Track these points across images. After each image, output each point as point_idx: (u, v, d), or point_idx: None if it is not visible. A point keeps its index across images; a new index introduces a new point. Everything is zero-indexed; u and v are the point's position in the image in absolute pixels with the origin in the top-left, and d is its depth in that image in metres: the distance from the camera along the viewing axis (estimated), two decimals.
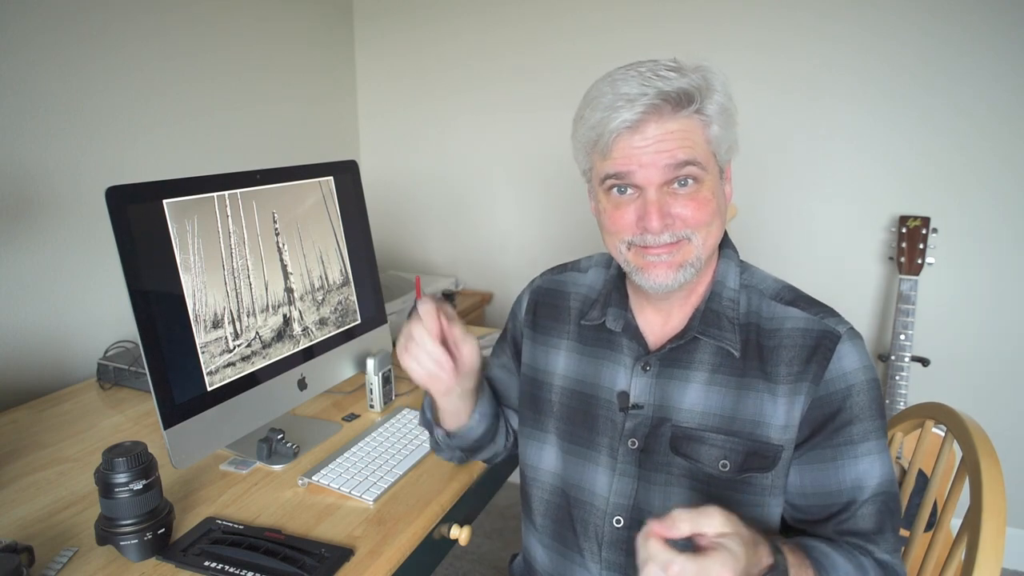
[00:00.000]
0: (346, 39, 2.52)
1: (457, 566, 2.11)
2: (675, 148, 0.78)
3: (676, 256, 0.81)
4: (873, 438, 0.80)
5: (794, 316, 0.84)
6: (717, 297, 0.87)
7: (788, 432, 0.81)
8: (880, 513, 0.80)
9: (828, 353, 0.81)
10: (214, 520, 0.97)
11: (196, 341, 1.03)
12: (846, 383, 0.80)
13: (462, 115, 2.48)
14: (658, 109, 0.77)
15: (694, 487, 0.84)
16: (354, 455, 1.13)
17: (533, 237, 2.48)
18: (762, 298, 0.87)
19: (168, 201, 1.00)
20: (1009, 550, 2.06)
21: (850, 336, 0.82)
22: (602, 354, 0.93)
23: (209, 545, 0.91)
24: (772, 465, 0.81)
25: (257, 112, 2.11)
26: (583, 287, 0.99)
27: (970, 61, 1.84)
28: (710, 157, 0.81)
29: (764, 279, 0.90)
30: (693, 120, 0.79)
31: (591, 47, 2.21)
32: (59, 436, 1.24)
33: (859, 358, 0.81)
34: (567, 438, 0.93)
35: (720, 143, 0.82)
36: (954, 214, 1.93)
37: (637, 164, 0.78)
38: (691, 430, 0.84)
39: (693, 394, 0.85)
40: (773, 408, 0.81)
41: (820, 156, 2.05)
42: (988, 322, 1.96)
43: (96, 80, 1.61)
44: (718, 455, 0.83)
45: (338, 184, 1.33)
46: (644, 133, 0.78)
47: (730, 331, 0.85)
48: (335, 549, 0.90)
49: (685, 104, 0.78)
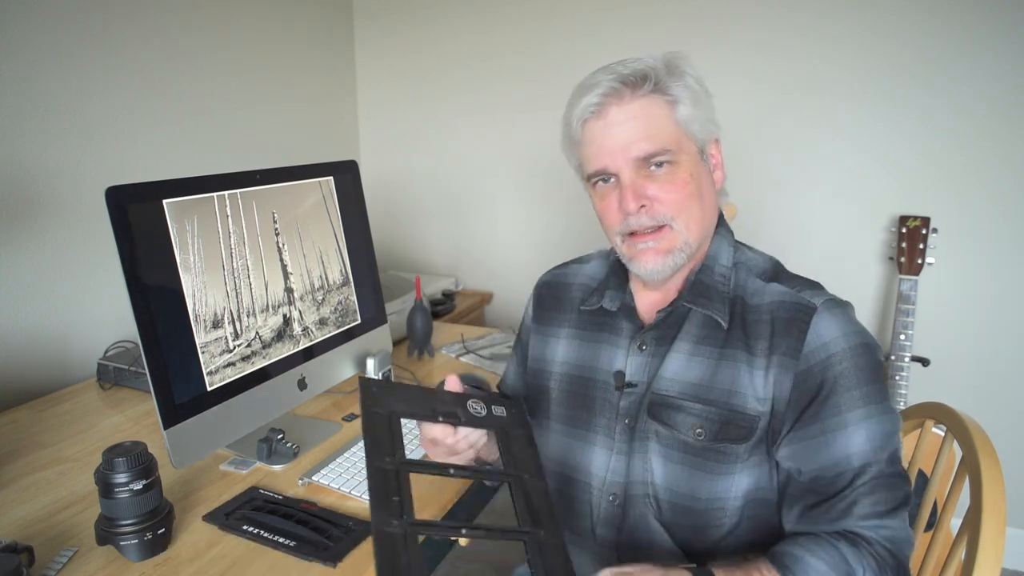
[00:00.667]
0: (346, 39, 2.52)
1: (457, 566, 2.11)
2: (640, 129, 0.81)
3: (662, 243, 0.84)
4: (861, 405, 0.78)
5: (773, 291, 0.85)
6: (708, 270, 0.89)
7: (764, 405, 0.81)
8: (876, 487, 0.76)
9: (803, 326, 0.80)
10: (256, 490, 1.05)
11: (196, 341, 1.03)
12: (825, 353, 0.79)
13: (462, 115, 2.48)
14: (617, 92, 0.82)
15: (668, 454, 0.85)
16: (354, 455, 1.13)
17: (533, 237, 2.48)
18: (749, 274, 0.88)
19: (168, 201, 1.00)
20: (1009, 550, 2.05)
21: (828, 306, 0.81)
22: (601, 337, 0.95)
23: (250, 511, 0.98)
24: (748, 436, 0.81)
25: (257, 112, 2.11)
26: (585, 276, 1.02)
27: (970, 61, 1.84)
28: (681, 137, 0.83)
29: (753, 257, 0.91)
30: (655, 100, 0.82)
31: (591, 47, 2.21)
32: (59, 436, 1.24)
33: (838, 326, 0.80)
34: (566, 422, 0.96)
35: (691, 121, 0.83)
36: (954, 214, 1.93)
37: (606, 150, 0.82)
38: (669, 397, 0.86)
39: (675, 363, 0.87)
40: (750, 380, 0.82)
41: (820, 156, 2.05)
42: (988, 322, 1.96)
43: (96, 80, 1.61)
44: (693, 423, 0.84)
45: (338, 184, 1.33)
46: (607, 118, 0.82)
47: (719, 302, 0.86)
48: (361, 523, 0.96)
49: (641, 83, 0.81)
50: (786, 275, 0.89)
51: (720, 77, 2.10)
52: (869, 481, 0.77)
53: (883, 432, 0.78)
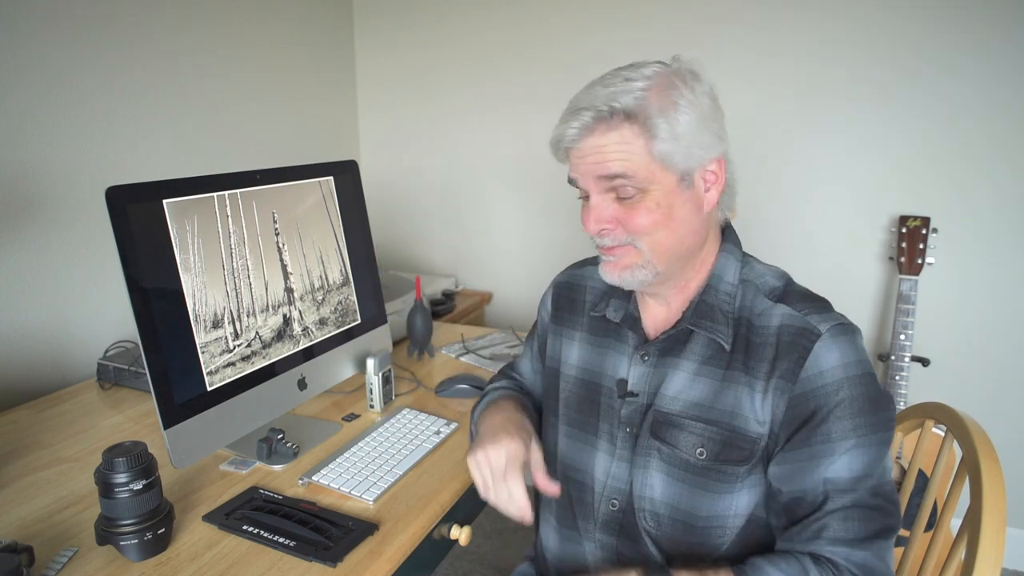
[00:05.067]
0: (346, 39, 2.52)
1: (457, 566, 2.11)
2: (606, 160, 0.81)
3: (620, 260, 0.86)
4: (852, 436, 0.77)
5: (780, 313, 0.84)
6: (712, 290, 0.88)
7: (763, 427, 0.81)
8: (849, 517, 0.76)
9: (804, 352, 0.80)
10: (257, 489, 1.05)
11: (196, 341, 1.03)
12: (822, 381, 0.79)
13: (462, 115, 2.47)
14: (591, 128, 0.81)
15: (670, 471, 0.86)
16: (354, 455, 1.13)
17: (533, 237, 2.48)
18: (757, 294, 0.87)
19: (168, 201, 1.00)
20: (1009, 550, 2.06)
21: (834, 333, 0.80)
22: (608, 344, 0.96)
23: (250, 511, 0.98)
24: (748, 458, 0.82)
25: (257, 112, 2.11)
26: (598, 280, 1.02)
27: (970, 61, 1.84)
28: (655, 169, 0.80)
29: (763, 274, 0.90)
30: (634, 131, 0.80)
31: (592, 46, 2.21)
32: (59, 436, 1.24)
33: (841, 355, 0.79)
34: (572, 424, 0.97)
35: (672, 154, 0.80)
36: (954, 214, 1.93)
37: (579, 172, 0.85)
38: (672, 416, 0.86)
39: (679, 382, 0.87)
40: (751, 402, 0.82)
41: (820, 156, 2.05)
42: (988, 322, 1.96)
43: (96, 80, 1.61)
44: (695, 442, 0.84)
45: (338, 184, 1.33)
46: (582, 146, 0.83)
47: (723, 324, 0.86)
48: (361, 523, 0.96)
49: (620, 120, 0.80)
50: (795, 295, 0.86)
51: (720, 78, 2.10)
52: (842, 509, 0.77)
53: (866, 463, 0.77)
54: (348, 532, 0.94)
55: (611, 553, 0.91)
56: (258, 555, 0.90)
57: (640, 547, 0.88)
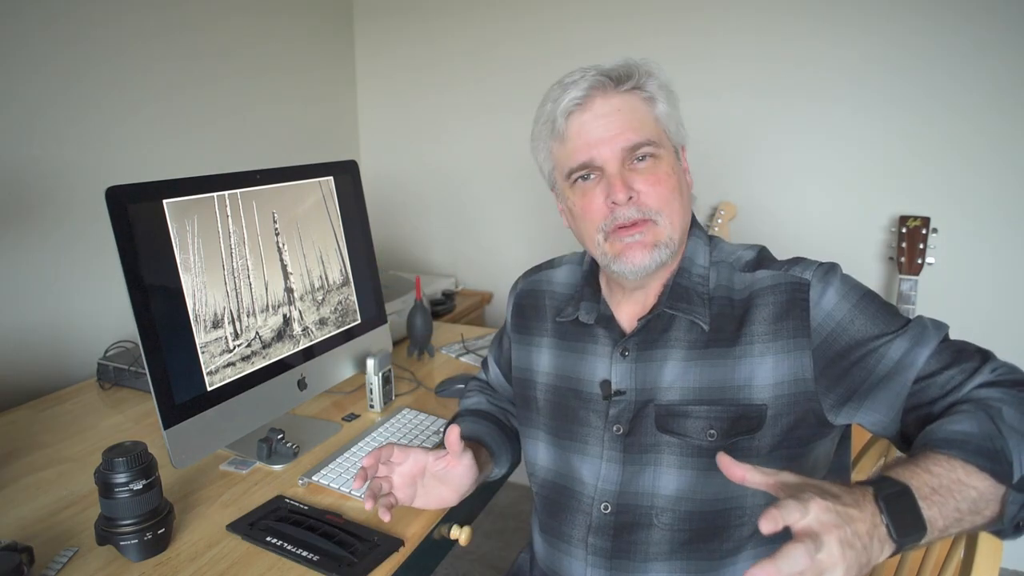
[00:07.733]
0: (346, 39, 2.52)
1: (457, 566, 2.11)
2: (624, 121, 0.83)
3: (647, 235, 0.84)
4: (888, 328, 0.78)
5: (761, 278, 0.85)
6: (685, 273, 0.89)
7: (773, 390, 0.81)
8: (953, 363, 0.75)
9: (803, 304, 0.81)
10: (283, 499, 1.03)
11: (196, 341, 1.03)
12: (835, 321, 0.80)
13: (462, 115, 2.47)
14: (601, 84, 0.84)
15: (683, 462, 0.84)
16: (354, 455, 1.13)
17: (533, 237, 2.47)
18: (732, 271, 0.88)
19: (168, 201, 1.00)
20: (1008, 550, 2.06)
21: (820, 276, 0.82)
22: (580, 348, 0.95)
23: (274, 522, 0.96)
24: (759, 426, 0.81)
25: (257, 112, 2.11)
26: (556, 284, 1.03)
27: (970, 61, 1.84)
28: (661, 134, 0.86)
29: (732, 252, 0.91)
30: (635, 97, 0.85)
31: (593, 46, 2.20)
32: (59, 436, 1.24)
33: (835, 291, 0.81)
34: (554, 432, 0.96)
35: (669, 120, 0.86)
36: (954, 214, 1.93)
37: (592, 142, 0.83)
38: (674, 406, 0.85)
39: (672, 371, 0.86)
40: (752, 371, 0.82)
41: (820, 156, 2.05)
42: (988, 322, 1.96)
43: (95, 80, 1.61)
44: (704, 426, 0.83)
45: (338, 184, 1.33)
46: (593, 110, 0.84)
47: (700, 305, 0.86)
48: (387, 538, 0.93)
49: (624, 80, 0.84)
50: (769, 259, 0.89)
51: (720, 78, 2.11)
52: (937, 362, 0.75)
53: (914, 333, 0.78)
54: (373, 547, 0.91)
55: (604, 558, 0.89)
56: (258, 555, 0.91)
57: (636, 548, 0.87)
